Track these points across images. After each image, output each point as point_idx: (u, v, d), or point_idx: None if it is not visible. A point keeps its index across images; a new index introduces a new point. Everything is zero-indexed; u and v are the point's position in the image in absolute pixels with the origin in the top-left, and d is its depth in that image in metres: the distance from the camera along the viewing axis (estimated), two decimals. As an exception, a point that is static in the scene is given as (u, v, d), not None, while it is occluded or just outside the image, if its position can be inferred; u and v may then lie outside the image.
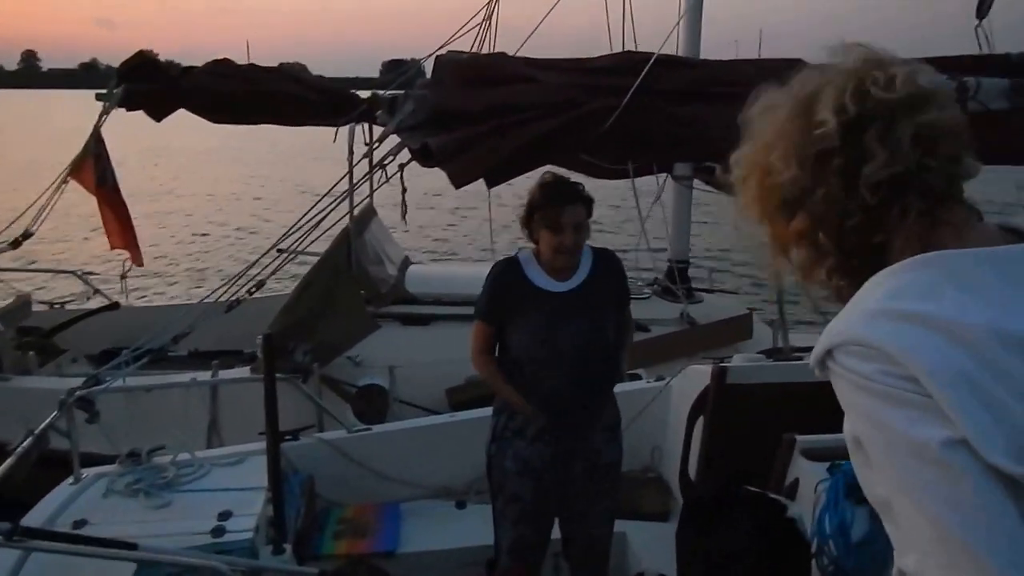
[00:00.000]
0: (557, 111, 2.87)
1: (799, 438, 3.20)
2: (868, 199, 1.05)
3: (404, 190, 3.04)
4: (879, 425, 0.96)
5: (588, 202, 3.02)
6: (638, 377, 4.99)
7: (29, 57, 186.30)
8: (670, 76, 3.01)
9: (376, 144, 3.25)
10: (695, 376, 4.33)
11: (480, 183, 3.01)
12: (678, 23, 5.08)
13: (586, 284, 3.07)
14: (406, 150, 3.13)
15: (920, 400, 0.92)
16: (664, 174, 6.41)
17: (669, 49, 6.19)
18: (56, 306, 7.06)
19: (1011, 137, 3.07)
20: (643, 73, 2.92)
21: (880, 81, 1.05)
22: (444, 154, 2.86)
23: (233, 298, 3.74)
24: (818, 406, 3.96)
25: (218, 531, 3.11)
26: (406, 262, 6.67)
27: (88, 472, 3.56)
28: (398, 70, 6.00)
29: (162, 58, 5.73)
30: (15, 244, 6.02)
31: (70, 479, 3.51)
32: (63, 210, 6.34)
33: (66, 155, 6.02)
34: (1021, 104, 3.06)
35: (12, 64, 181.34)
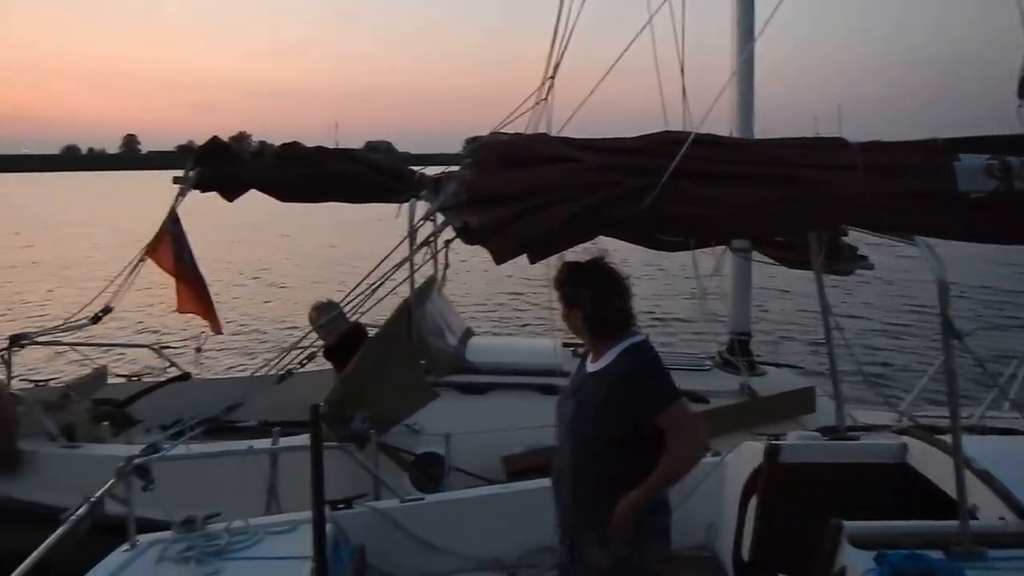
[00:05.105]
0: (592, 191, 2.94)
1: (846, 524, 3.08)
2: None
3: (447, 266, 3.13)
4: None
5: (566, 291, 3.06)
6: None
7: (130, 141, 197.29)
8: (707, 156, 3.05)
9: (421, 223, 3.39)
10: (750, 452, 4.26)
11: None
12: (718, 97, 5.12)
13: (595, 373, 3.07)
14: (450, 227, 3.24)
15: None
16: (723, 246, 6.37)
17: (722, 125, 6.29)
18: (133, 379, 7.36)
19: None
20: (679, 154, 2.97)
21: None
22: (484, 232, 2.95)
23: (284, 370, 3.87)
24: (870, 490, 3.85)
25: None
26: (468, 333, 6.73)
27: (143, 538, 3.66)
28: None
29: (255, 138, 6.05)
30: (95, 319, 6.32)
31: (125, 545, 3.61)
32: (141, 286, 6.66)
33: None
34: None
35: (114, 148, 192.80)
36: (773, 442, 3.97)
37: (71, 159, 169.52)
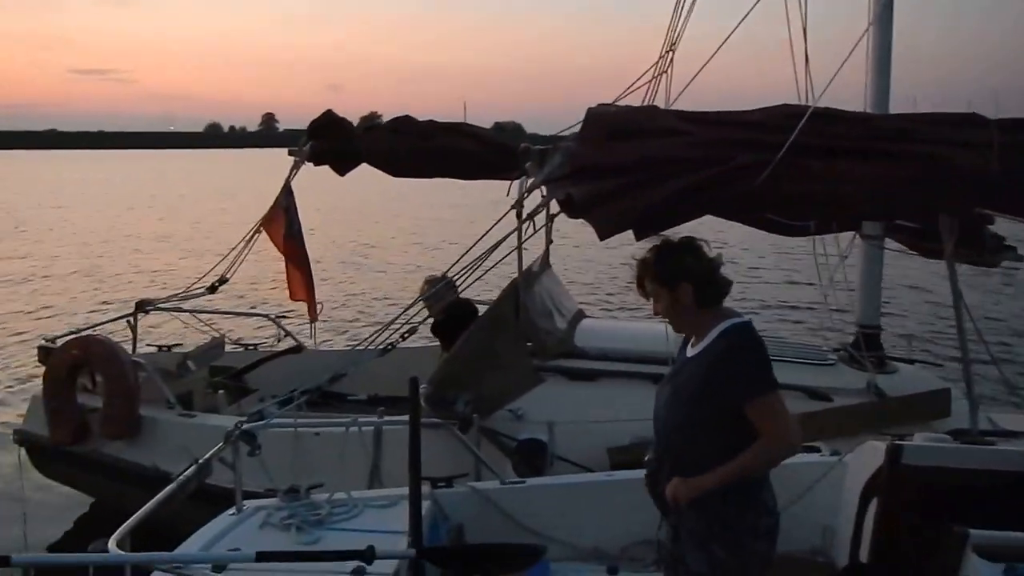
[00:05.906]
0: (703, 165, 2.78)
1: (972, 532, 2.83)
2: None
3: (550, 242, 3.03)
4: None
5: (667, 269, 2.80)
6: (816, 450, 4.62)
7: (268, 120, 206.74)
8: (827, 130, 2.85)
9: (526, 195, 3.31)
10: (871, 453, 4.00)
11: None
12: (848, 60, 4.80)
13: (694, 357, 2.87)
14: (555, 201, 3.16)
15: None
16: (851, 232, 5.97)
17: (856, 100, 5.89)
18: (249, 347, 7.58)
19: None
20: (797, 128, 2.78)
21: None
22: (587, 205, 2.85)
23: (385, 344, 3.86)
24: (1002, 499, 3.55)
25: (359, 571, 3.14)
26: (578, 316, 6.54)
27: (249, 503, 3.75)
28: None
29: (384, 117, 6.07)
30: (212, 289, 6.54)
31: (232, 509, 3.71)
32: (255, 257, 6.83)
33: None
34: None
35: (254, 126, 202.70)
36: (896, 442, 3.69)
37: (214, 136, 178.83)
